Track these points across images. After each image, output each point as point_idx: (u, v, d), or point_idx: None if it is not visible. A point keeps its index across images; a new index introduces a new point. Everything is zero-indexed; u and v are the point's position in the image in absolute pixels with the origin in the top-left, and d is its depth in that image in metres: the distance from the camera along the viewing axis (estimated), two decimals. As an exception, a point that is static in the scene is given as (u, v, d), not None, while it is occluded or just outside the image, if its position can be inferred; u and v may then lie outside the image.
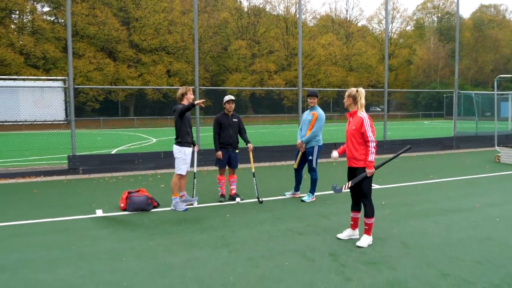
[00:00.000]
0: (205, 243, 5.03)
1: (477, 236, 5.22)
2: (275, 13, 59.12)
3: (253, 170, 7.52)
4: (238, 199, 7.25)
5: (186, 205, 6.77)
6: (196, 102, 6.72)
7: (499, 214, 6.23)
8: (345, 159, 5.18)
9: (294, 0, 57.79)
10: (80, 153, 10.59)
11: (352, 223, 5.17)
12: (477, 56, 52.58)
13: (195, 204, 6.96)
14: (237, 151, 7.30)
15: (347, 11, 63.63)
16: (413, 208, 6.69)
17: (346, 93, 4.98)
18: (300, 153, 7.34)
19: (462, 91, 23.07)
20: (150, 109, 46.20)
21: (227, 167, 7.33)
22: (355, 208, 5.12)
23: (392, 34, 64.15)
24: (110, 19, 43.67)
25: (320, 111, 7.20)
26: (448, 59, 54.60)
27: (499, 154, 11.93)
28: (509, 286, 3.78)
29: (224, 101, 7.18)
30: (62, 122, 9.78)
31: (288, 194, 7.66)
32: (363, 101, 4.88)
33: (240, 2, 59.48)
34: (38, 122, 9.50)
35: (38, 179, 9.67)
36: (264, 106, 51.46)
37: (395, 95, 60.92)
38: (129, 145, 18.42)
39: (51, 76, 40.43)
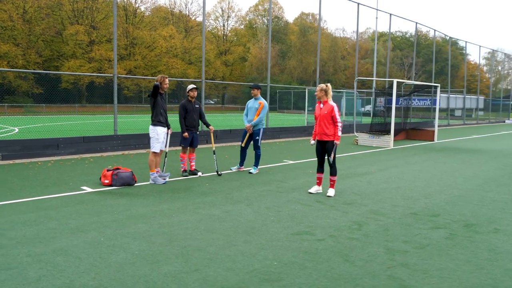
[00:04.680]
0: (220, 202, 6.36)
1: (390, 187, 7.78)
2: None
3: (214, 148, 8.90)
4: (199, 173, 8.55)
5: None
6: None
7: (392, 175, 9.07)
8: (273, 141, 7.12)
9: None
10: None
11: (318, 181, 7.17)
12: (302, 57, 60.43)
13: (167, 179, 8.02)
14: (198, 132, 8.57)
15: (186, 6, 65.24)
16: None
17: (319, 88, 6.90)
18: (248, 134, 9.00)
19: (309, 87, 27.33)
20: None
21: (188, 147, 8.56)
22: (320, 170, 7.14)
23: (227, 32, 68.76)
24: None
25: (264, 101, 8.98)
26: (277, 59, 61.30)
27: (357, 138, 15.49)
28: (423, 210, 6.28)
29: (188, 89, 8.38)
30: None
31: (234, 169, 9.24)
32: (331, 93, 6.90)
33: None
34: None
35: (-45, 166, 9.09)
36: (100, 96, 49.44)
37: (228, 89, 65.73)
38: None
39: None
